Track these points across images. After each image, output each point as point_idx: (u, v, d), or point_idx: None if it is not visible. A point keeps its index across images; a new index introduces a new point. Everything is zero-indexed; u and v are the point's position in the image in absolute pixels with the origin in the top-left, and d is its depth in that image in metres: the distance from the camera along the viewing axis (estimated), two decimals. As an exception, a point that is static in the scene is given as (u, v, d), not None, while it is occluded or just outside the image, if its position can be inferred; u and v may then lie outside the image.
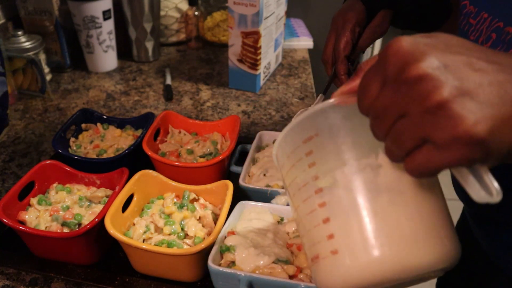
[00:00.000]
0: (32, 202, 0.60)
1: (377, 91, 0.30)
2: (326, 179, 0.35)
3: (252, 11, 0.93)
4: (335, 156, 0.35)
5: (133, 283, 0.54)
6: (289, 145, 0.39)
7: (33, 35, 1.02)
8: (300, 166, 0.37)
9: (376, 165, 0.34)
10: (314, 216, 0.36)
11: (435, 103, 0.26)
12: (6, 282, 0.56)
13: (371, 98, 0.30)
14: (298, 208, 0.38)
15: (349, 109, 0.34)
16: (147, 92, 1.04)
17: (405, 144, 0.28)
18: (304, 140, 0.37)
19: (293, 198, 0.39)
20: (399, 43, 0.28)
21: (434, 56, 0.27)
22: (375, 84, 0.30)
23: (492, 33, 0.46)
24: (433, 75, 0.26)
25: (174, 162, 0.66)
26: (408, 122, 0.28)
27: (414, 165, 0.28)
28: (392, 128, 0.29)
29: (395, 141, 0.29)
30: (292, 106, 0.98)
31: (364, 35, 0.66)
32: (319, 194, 0.36)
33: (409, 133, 0.28)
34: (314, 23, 1.49)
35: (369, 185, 0.34)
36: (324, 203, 0.35)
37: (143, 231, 0.56)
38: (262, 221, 0.57)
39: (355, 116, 0.33)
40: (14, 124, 0.91)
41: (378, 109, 0.29)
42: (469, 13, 0.52)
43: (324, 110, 0.36)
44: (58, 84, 1.08)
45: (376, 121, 0.30)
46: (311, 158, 0.36)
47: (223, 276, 0.49)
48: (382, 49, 0.30)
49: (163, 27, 1.25)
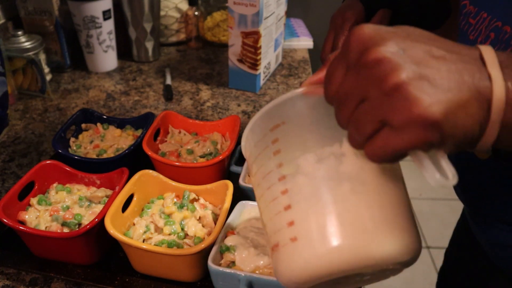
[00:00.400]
0: (32, 202, 0.60)
1: (341, 78, 0.30)
2: (290, 166, 0.35)
3: (252, 11, 0.93)
4: (300, 144, 0.35)
5: (133, 283, 0.54)
6: (257, 134, 0.38)
7: (33, 35, 1.02)
8: (266, 154, 0.37)
9: (340, 154, 0.34)
10: (276, 204, 0.36)
11: (392, 85, 0.26)
12: (6, 282, 0.56)
13: (336, 86, 0.30)
14: (262, 196, 0.38)
15: (316, 99, 0.35)
16: (147, 92, 1.04)
17: (365, 128, 0.28)
18: (271, 128, 0.37)
19: (258, 187, 0.39)
20: (361, 30, 0.29)
21: (394, 41, 0.27)
22: (339, 71, 0.30)
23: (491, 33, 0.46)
24: (391, 58, 0.27)
25: (174, 162, 0.66)
26: (368, 106, 0.28)
27: (373, 149, 0.28)
28: (353, 114, 0.29)
29: (356, 126, 0.29)
30: (292, 106, 0.98)
31: None
32: (282, 181, 0.36)
33: (368, 116, 0.28)
34: (314, 23, 1.49)
35: (331, 173, 0.34)
36: (286, 190, 0.35)
37: (143, 231, 0.56)
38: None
39: (321, 106, 0.34)
40: (14, 124, 0.91)
41: (341, 96, 0.29)
42: (468, 13, 0.52)
43: (291, 99, 0.36)
44: (58, 84, 1.08)
45: (339, 108, 0.30)
46: (276, 146, 0.36)
47: (223, 276, 0.49)
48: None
49: (163, 27, 1.25)
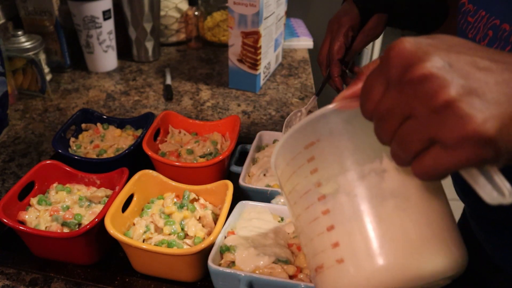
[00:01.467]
0: (32, 202, 0.60)
1: (380, 94, 0.29)
2: (329, 186, 0.34)
3: (252, 11, 0.93)
4: (337, 162, 0.34)
5: (133, 283, 0.54)
6: (289, 152, 0.37)
7: (33, 35, 1.02)
8: (302, 173, 0.36)
9: (381, 170, 0.33)
10: (317, 224, 0.35)
11: (442, 102, 0.25)
12: (6, 282, 0.56)
13: (375, 101, 0.29)
14: (300, 216, 0.37)
15: (350, 114, 0.34)
16: (147, 92, 1.04)
17: (412, 146, 0.27)
18: (305, 146, 0.36)
19: (294, 207, 0.38)
20: (401, 44, 0.28)
21: (438, 56, 0.27)
22: (378, 86, 0.29)
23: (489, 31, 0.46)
24: (438, 74, 0.26)
25: (174, 162, 0.66)
26: (415, 124, 0.27)
27: (423, 167, 0.27)
28: (397, 131, 0.28)
29: (401, 144, 0.28)
30: (292, 106, 0.98)
31: (358, 38, 0.68)
32: (322, 201, 0.35)
33: (416, 134, 0.27)
34: (314, 23, 1.49)
35: (374, 191, 0.33)
36: (328, 210, 0.34)
37: (143, 231, 0.56)
38: (262, 221, 0.57)
39: (357, 120, 0.32)
40: (14, 124, 0.91)
41: (382, 112, 0.29)
42: (467, 11, 0.52)
43: (325, 115, 0.35)
44: (58, 84, 1.08)
45: (380, 124, 0.29)
46: (313, 164, 0.35)
47: (223, 276, 0.49)
48: (384, 51, 0.29)
49: (163, 27, 1.25)
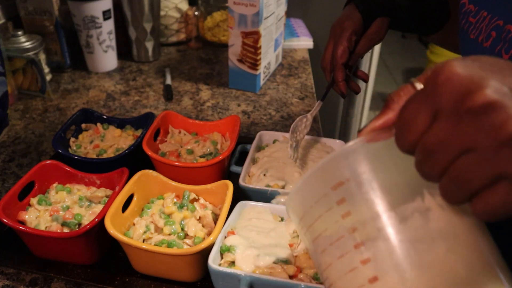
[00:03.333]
0: (32, 202, 0.60)
1: (426, 124, 0.26)
2: (367, 231, 0.30)
3: (252, 11, 0.93)
4: (374, 203, 0.30)
5: (133, 283, 0.54)
6: (312, 193, 0.33)
7: (33, 35, 1.02)
8: (331, 217, 0.32)
9: (424, 209, 0.29)
10: (356, 276, 0.31)
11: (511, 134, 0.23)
12: (6, 282, 0.56)
13: (418, 133, 0.26)
14: (331, 266, 0.33)
15: (381, 147, 0.31)
16: (147, 92, 1.04)
17: (473, 183, 0.25)
18: (333, 186, 0.32)
19: (322, 255, 0.34)
20: (452, 69, 0.25)
21: (497, 80, 0.24)
22: (423, 116, 0.26)
23: (492, 32, 0.46)
24: (503, 102, 0.23)
25: (174, 162, 0.66)
26: (477, 158, 0.24)
27: (488, 206, 0.24)
28: (452, 166, 0.25)
29: (457, 181, 0.25)
30: (292, 106, 0.98)
31: (361, 42, 0.68)
32: (360, 249, 0.31)
33: (479, 170, 0.24)
34: (314, 23, 1.49)
35: (421, 234, 0.29)
36: (368, 259, 0.30)
37: (143, 231, 0.56)
38: (262, 221, 0.57)
39: (389, 154, 0.30)
40: (14, 124, 0.91)
41: (431, 145, 0.26)
42: (468, 11, 0.52)
43: (354, 151, 0.31)
44: (58, 84, 1.08)
45: (427, 159, 0.26)
46: (344, 207, 0.31)
47: (223, 276, 0.49)
48: (427, 76, 0.27)
49: (163, 27, 1.25)
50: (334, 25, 0.69)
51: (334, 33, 0.68)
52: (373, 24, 0.67)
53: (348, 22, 0.66)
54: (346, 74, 0.68)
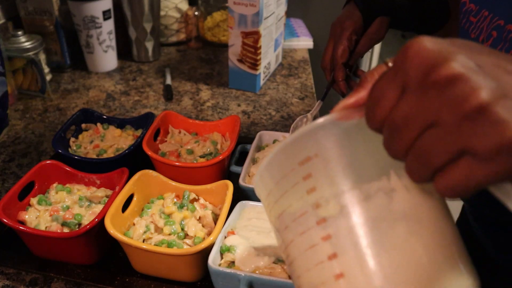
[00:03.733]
0: (32, 202, 0.60)
1: (394, 100, 0.26)
2: (331, 207, 0.30)
3: (252, 11, 0.93)
4: (340, 180, 0.30)
5: (133, 283, 0.54)
6: (280, 169, 0.32)
7: (33, 35, 1.02)
8: (296, 193, 0.32)
9: (389, 189, 0.29)
10: (315, 252, 0.30)
11: (475, 107, 0.22)
12: (6, 282, 0.56)
13: (386, 109, 0.26)
14: (293, 243, 0.32)
15: (352, 125, 0.30)
16: (147, 92, 1.04)
17: (437, 159, 0.24)
18: (301, 161, 0.31)
19: (285, 232, 0.33)
20: (421, 43, 0.25)
21: (465, 55, 0.24)
22: (391, 92, 0.26)
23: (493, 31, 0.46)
24: (468, 75, 0.23)
25: (174, 162, 0.66)
26: (440, 132, 0.23)
27: (450, 183, 0.24)
28: (416, 142, 0.25)
29: (421, 157, 0.25)
30: (292, 106, 0.98)
31: (361, 42, 0.68)
32: (322, 225, 0.30)
33: (442, 145, 0.23)
34: (314, 23, 1.49)
35: (383, 213, 0.29)
36: (329, 236, 0.30)
37: (143, 231, 0.56)
38: (262, 221, 0.57)
39: (359, 133, 0.29)
40: (14, 124, 0.91)
41: (397, 121, 0.25)
42: (469, 11, 0.52)
43: (323, 127, 0.30)
44: (58, 84, 1.08)
45: (394, 135, 0.26)
46: (310, 183, 0.31)
47: (223, 276, 0.49)
48: (398, 52, 0.26)
49: (163, 27, 1.25)
50: (334, 24, 0.69)
51: (334, 32, 0.68)
52: (373, 24, 0.67)
53: (348, 21, 0.66)
54: (346, 74, 0.68)
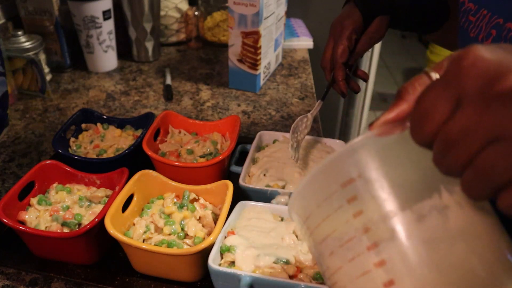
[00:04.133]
0: (32, 202, 0.60)
1: (447, 113, 0.24)
2: (381, 231, 0.28)
3: (252, 11, 0.93)
4: (388, 200, 0.28)
5: (133, 283, 0.54)
6: (320, 191, 0.31)
7: (33, 35, 1.02)
8: (341, 217, 0.30)
9: (443, 207, 0.27)
10: (369, 280, 0.29)
11: None
12: (6, 282, 0.56)
13: (438, 123, 0.24)
14: (341, 269, 0.31)
15: (393, 141, 0.29)
16: (147, 92, 1.04)
17: (501, 175, 0.22)
18: (343, 183, 0.29)
19: (331, 258, 0.31)
20: (477, 53, 0.23)
21: None
22: (443, 104, 0.24)
23: (492, 30, 0.46)
24: None
25: (174, 162, 0.66)
26: (506, 148, 0.22)
27: None
28: (477, 158, 0.23)
29: (483, 174, 0.23)
30: (292, 106, 0.98)
31: (361, 41, 0.68)
32: (374, 250, 0.28)
33: (508, 161, 0.22)
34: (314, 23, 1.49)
35: (440, 233, 0.27)
36: (383, 262, 0.28)
37: (143, 231, 0.56)
38: (262, 221, 0.57)
39: (402, 148, 0.28)
40: (14, 124, 0.91)
41: (453, 135, 0.23)
42: (468, 10, 0.52)
43: (364, 145, 0.29)
44: (58, 84, 1.08)
45: (448, 150, 0.24)
46: (356, 206, 0.29)
47: (223, 276, 0.49)
48: (445, 64, 0.25)
49: (163, 27, 1.25)
50: (334, 23, 0.69)
51: (334, 32, 0.68)
52: (373, 23, 0.67)
53: (348, 20, 0.66)
54: (346, 74, 0.67)
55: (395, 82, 3.13)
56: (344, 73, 0.67)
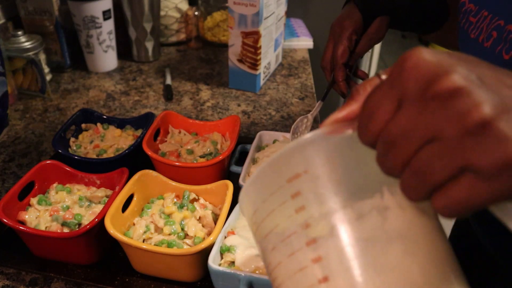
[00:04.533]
0: (32, 202, 0.60)
1: (389, 113, 0.24)
2: (321, 227, 0.28)
3: (252, 11, 0.93)
4: (330, 198, 0.28)
5: (133, 283, 0.54)
6: (267, 186, 0.31)
7: (33, 35, 1.02)
8: (284, 212, 0.30)
9: (383, 207, 0.28)
10: (305, 275, 0.29)
11: (477, 121, 0.21)
12: (6, 282, 0.56)
13: (381, 123, 0.25)
14: (281, 265, 0.30)
15: (342, 140, 0.29)
16: (147, 92, 1.04)
17: (435, 176, 0.23)
18: (289, 178, 0.29)
19: (272, 253, 0.31)
20: (419, 55, 0.24)
21: (466, 68, 0.22)
22: (386, 104, 0.24)
23: (493, 32, 0.46)
24: (470, 88, 0.22)
25: (174, 162, 0.66)
26: (440, 148, 0.22)
27: (450, 201, 0.23)
28: (414, 158, 0.23)
29: (418, 173, 0.23)
30: (292, 106, 0.98)
31: (362, 42, 0.68)
32: (312, 246, 0.28)
33: (443, 161, 0.22)
34: (314, 23, 1.49)
35: (377, 233, 0.27)
36: (320, 258, 0.28)
37: (143, 231, 0.56)
38: (262, 221, 0.57)
39: (351, 148, 0.28)
40: (14, 124, 0.91)
41: (393, 135, 0.24)
42: (468, 11, 0.52)
43: (313, 142, 0.29)
44: (58, 84, 1.08)
45: (389, 150, 0.24)
46: (299, 201, 0.29)
47: (223, 276, 0.49)
48: (395, 64, 0.25)
49: (163, 27, 1.25)
50: (334, 24, 0.69)
51: (334, 32, 0.68)
52: (373, 24, 0.67)
53: (348, 21, 0.66)
54: (346, 74, 0.67)
55: (395, 82, 3.12)
56: (344, 73, 0.67)
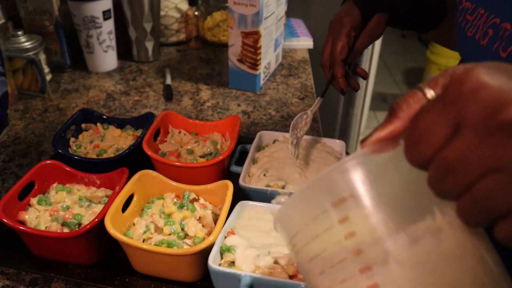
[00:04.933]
0: (32, 202, 0.60)
1: (445, 138, 0.24)
2: (375, 254, 0.28)
3: (252, 11, 0.93)
4: (382, 222, 0.28)
5: (133, 283, 0.54)
6: (309, 209, 0.30)
7: (33, 35, 1.02)
8: (331, 237, 0.29)
9: (436, 229, 0.27)
10: None
11: None
12: (6, 282, 0.56)
13: (435, 146, 0.24)
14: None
15: (386, 158, 0.28)
16: (147, 92, 1.04)
17: (501, 206, 0.22)
18: (334, 202, 0.29)
19: (320, 277, 0.30)
20: (478, 76, 0.23)
21: None
22: (442, 128, 0.24)
23: (489, 29, 0.46)
24: None
25: (174, 162, 0.66)
26: (507, 180, 0.22)
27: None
28: (476, 186, 0.23)
29: (481, 202, 0.23)
30: (292, 106, 0.98)
31: (360, 38, 0.67)
32: (366, 274, 0.28)
33: (508, 193, 0.22)
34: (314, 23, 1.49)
35: (434, 256, 0.27)
36: (376, 285, 0.27)
37: (143, 231, 0.56)
38: (262, 221, 0.57)
39: (394, 166, 0.28)
40: (14, 124, 0.91)
41: (452, 161, 0.23)
42: (465, 9, 0.52)
43: (356, 164, 0.28)
44: (58, 84, 1.08)
45: (446, 176, 0.24)
46: (347, 227, 0.28)
47: (223, 276, 0.49)
48: (443, 83, 0.24)
49: (163, 27, 1.25)
50: (332, 21, 0.69)
51: (332, 29, 0.68)
52: (372, 20, 0.67)
53: (346, 18, 0.66)
54: (345, 71, 0.67)
55: (395, 82, 3.13)
56: (343, 70, 0.67)
